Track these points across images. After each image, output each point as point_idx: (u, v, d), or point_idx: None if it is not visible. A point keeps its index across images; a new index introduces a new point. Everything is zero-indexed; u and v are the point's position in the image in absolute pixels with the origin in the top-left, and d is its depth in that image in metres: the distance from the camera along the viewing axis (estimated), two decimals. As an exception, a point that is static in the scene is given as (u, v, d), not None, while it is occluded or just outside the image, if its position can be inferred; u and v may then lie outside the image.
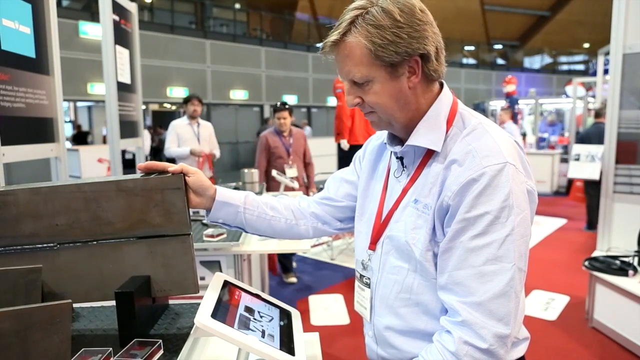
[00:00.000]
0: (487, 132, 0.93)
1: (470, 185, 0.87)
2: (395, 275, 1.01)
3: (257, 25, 18.30)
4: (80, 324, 1.19)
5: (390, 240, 1.02)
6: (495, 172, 0.86)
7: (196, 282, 1.13)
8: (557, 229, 6.60)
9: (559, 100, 12.67)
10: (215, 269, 2.32)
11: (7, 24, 2.01)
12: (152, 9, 15.42)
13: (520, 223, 0.86)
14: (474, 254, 0.86)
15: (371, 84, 0.93)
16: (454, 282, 0.88)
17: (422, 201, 0.96)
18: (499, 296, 0.85)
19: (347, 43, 0.91)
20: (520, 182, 0.89)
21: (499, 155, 0.88)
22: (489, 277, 0.85)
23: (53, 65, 2.46)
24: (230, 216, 1.16)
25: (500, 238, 0.85)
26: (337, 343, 3.22)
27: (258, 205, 1.18)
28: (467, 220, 0.87)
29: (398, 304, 1.01)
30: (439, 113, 0.97)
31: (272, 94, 16.68)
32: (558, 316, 3.65)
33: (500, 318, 0.85)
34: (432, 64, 0.94)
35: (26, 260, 1.10)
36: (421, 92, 0.97)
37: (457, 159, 0.91)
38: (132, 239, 1.12)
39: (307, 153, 4.56)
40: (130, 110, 3.89)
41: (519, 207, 0.86)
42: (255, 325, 0.90)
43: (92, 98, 13.01)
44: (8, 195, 1.09)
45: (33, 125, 2.30)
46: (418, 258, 0.95)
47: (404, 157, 1.03)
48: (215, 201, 1.13)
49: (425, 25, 0.91)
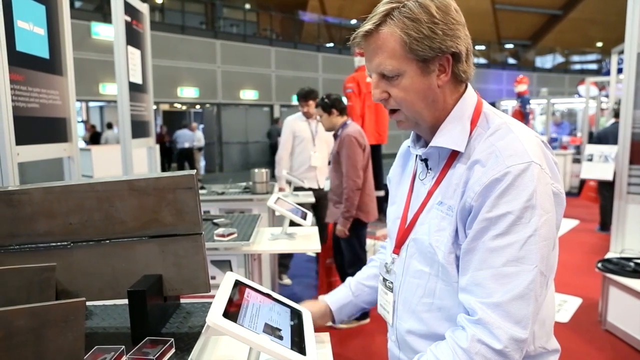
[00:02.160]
0: (512, 132, 0.91)
1: (493, 185, 0.85)
2: (417, 279, 1.00)
3: (267, 25, 18.35)
4: (93, 322, 1.20)
5: (414, 243, 1.01)
6: (519, 172, 0.84)
7: (208, 282, 1.14)
8: (569, 230, 6.53)
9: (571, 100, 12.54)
10: (225, 269, 2.33)
11: (22, 25, 2.03)
12: (162, 9, 15.53)
13: (544, 225, 0.84)
14: (495, 255, 0.84)
15: (401, 78, 0.92)
16: (474, 283, 0.86)
17: (447, 203, 0.94)
18: (518, 298, 0.82)
19: (381, 34, 0.90)
20: (545, 182, 0.86)
21: (523, 154, 0.86)
22: (509, 279, 0.83)
23: (66, 66, 2.48)
24: (352, 310, 1.27)
25: (522, 239, 0.83)
26: (347, 343, 3.22)
27: (363, 286, 1.27)
28: (489, 220, 0.85)
29: (420, 308, 0.99)
30: (463, 113, 0.96)
31: (282, 94, 16.72)
32: (570, 318, 3.61)
33: (518, 321, 0.83)
34: (462, 64, 0.93)
35: (40, 259, 1.11)
36: (449, 92, 0.96)
37: (480, 159, 0.89)
38: (144, 238, 1.13)
39: (343, 161, 3.36)
40: (141, 110, 3.92)
41: (542, 208, 0.84)
42: (266, 325, 0.90)
43: (104, 98, 13.14)
44: (23, 194, 1.10)
45: (46, 125, 2.32)
46: (441, 261, 0.93)
47: (429, 159, 1.01)
48: (333, 312, 1.26)
49: (459, 25, 0.91)
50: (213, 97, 15.35)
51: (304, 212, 2.47)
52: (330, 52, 17.89)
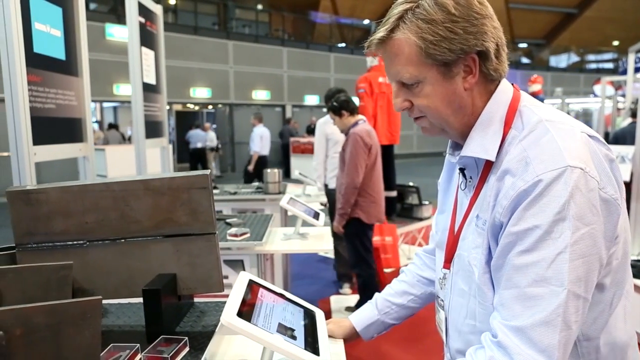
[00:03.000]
0: (549, 131, 0.79)
1: (521, 197, 0.76)
2: (461, 298, 0.93)
3: (279, 25, 18.40)
4: (108, 320, 1.21)
5: (458, 259, 0.94)
6: (551, 180, 0.74)
7: (221, 281, 1.14)
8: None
9: (586, 100, 12.37)
10: (238, 268, 2.34)
11: (39, 27, 2.06)
12: (175, 10, 15.66)
13: (581, 240, 0.73)
14: (520, 273, 0.76)
15: (421, 85, 0.85)
16: (500, 303, 0.79)
17: (482, 217, 0.86)
18: (543, 324, 0.73)
19: (395, 40, 0.83)
20: (589, 189, 0.74)
21: (558, 159, 0.75)
22: (534, 301, 0.74)
23: (82, 67, 2.52)
24: (378, 328, 1.22)
25: (550, 256, 0.73)
26: (358, 344, 3.21)
27: (390, 303, 1.21)
28: (515, 235, 0.76)
29: (466, 329, 0.92)
30: (493, 116, 0.86)
31: (294, 94, 16.74)
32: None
33: (542, 350, 0.73)
34: (492, 62, 0.84)
35: (57, 257, 1.13)
36: (478, 94, 0.87)
37: (510, 169, 0.80)
38: (158, 237, 1.14)
39: (346, 159, 3.35)
40: (155, 110, 3.95)
41: (580, 220, 0.73)
42: (280, 325, 0.90)
43: (118, 99, 13.28)
44: (40, 194, 1.12)
45: (63, 125, 2.36)
46: (477, 281, 0.86)
47: (466, 169, 0.93)
48: (359, 332, 1.22)
49: (484, 19, 0.82)
50: (225, 98, 15.43)
51: (316, 212, 2.47)
52: (343, 52, 17.87)
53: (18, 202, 1.12)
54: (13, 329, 0.65)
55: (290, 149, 12.29)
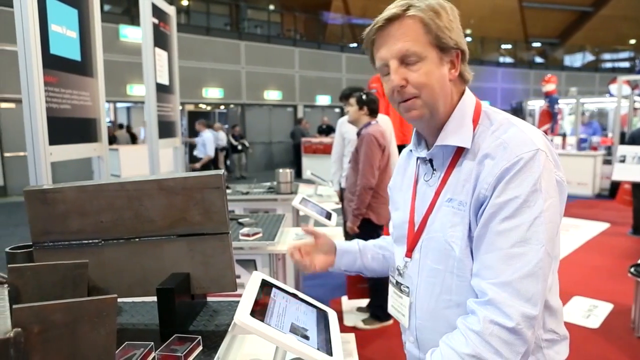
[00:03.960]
0: (514, 125, 0.95)
1: (504, 174, 0.89)
2: (433, 278, 1.01)
3: (291, 26, 18.41)
4: (122, 318, 1.22)
5: (428, 243, 1.02)
6: (528, 159, 0.88)
7: (234, 280, 1.15)
8: (599, 234, 6.35)
9: (602, 100, 12.18)
10: (250, 268, 2.34)
11: (55, 29, 2.09)
12: (188, 11, 15.75)
13: (549, 208, 0.87)
14: (502, 237, 0.87)
15: (421, 63, 0.95)
16: (484, 267, 0.89)
17: (457, 198, 0.97)
18: (527, 276, 0.85)
19: (407, 17, 0.94)
20: (550, 169, 0.90)
21: (530, 143, 0.90)
22: (517, 259, 0.86)
23: (97, 68, 2.55)
24: (350, 262, 1.30)
25: (529, 220, 0.86)
26: (370, 345, 3.20)
27: (370, 249, 1.32)
28: (497, 205, 0.88)
29: (441, 305, 1.00)
30: (465, 113, 1.00)
31: (306, 95, 16.75)
32: (601, 324, 3.51)
33: (528, 298, 0.84)
34: (466, 66, 1.00)
35: (73, 255, 1.14)
36: (455, 89, 1.01)
37: (489, 153, 0.93)
38: (172, 236, 1.15)
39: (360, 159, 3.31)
40: (168, 110, 3.98)
41: (547, 192, 0.88)
42: (293, 325, 0.90)
43: (131, 99, 13.41)
44: (57, 193, 1.13)
45: (78, 125, 2.39)
46: (458, 255, 0.95)
47: (434, 159, 1.04)
48: (337, 250, 1.29)
49: (461, 29, 0.99)
50: (237, 98, 15.50)
51: (328, 212, 2.47)
52: (354, 52, 17.82)
53: (35, 202, 1.14)
54: (31, 326, 0.66)
55: (301, 149, 12.30)
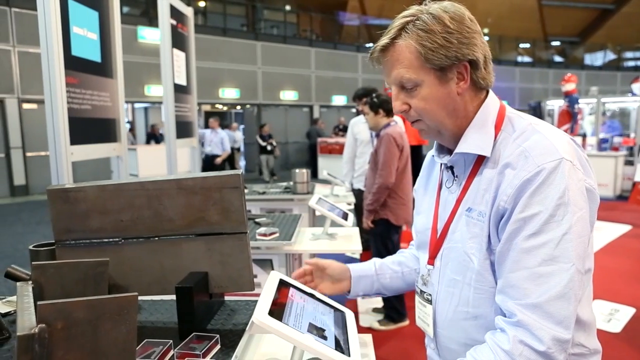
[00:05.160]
0: (538, 132, 0.91)
1: (525, 185, 0.85)
2: (452, 288, 1.00)
3: (307, 26, 18.43)
4: (141, 316, 1.24)
5: (448, 252, 1.01)
6: (551, 169, 0.84)
7: (252, 280, 1.15)
8: (620, 236, 6.22)
9: (624, 99, 11.92)
10: (267, 268, 2.35)
11: (77, 31, 2.13)
12: (205, 12, 15.89)
13: (578, 222, 0.83)
14: (529, 255, 0.83)
15: (419, 88, 0.94)
16: (509, 285, 0.85)
17: (476, 209, 0.94)
18: (558, 298, 0.81)
19: (397, 46, 0.93)
20: (578, 179, 0.86)
21: (553, 151, 0.86)
22: (546, 279, 0.82)
23: (116, 69, 2.59)
24: (368, 286, 1.26)
25: (557, 237, 0.82)
26: (386, 345, 3.19)
27: (388, 267, 1.28)
28: (522, 221, 0.85)
29: (458, 317, 0.99)
30: (486, 118, 0.96)
31: (322, 95, 16.76)
32: (622, 329, 3.44)
33: (559, 321, 0.81)
34: (481, 72, 0.94)
35: (94, 254, 1.16)
36: (469, 99, 0.97)
37: (510, 162, 0.89)
38: (191, 236, 1.16)
39: (379, 159, 3.32)
40: (185, 110, 4.03)
41: (575, 205, 0.83)
42: (311, 324, 0.90)
43: (149, 99, 13.57)
44: (78, 192, 1.15)
45: (98, 125, 2.43)
46: (476, 268, 0.93)
47: (454, 167, 1.02)
48: (352, 278, 1.25)
49: (475, 34, 0.93)
50: (253, 98, 15.58)
51: (345, 212, 2.47)
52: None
53: (58, 200, 1.16)
54: (55, 322, 0.67)
55: (317, 149, 12.31)
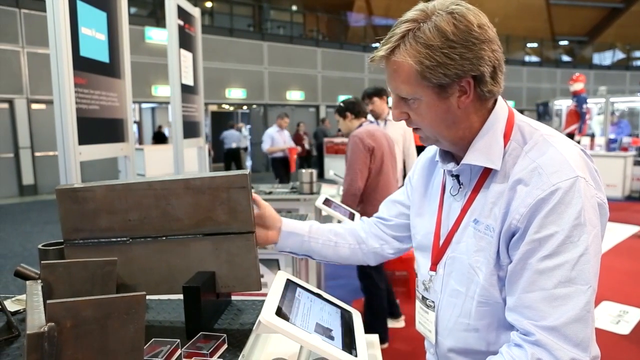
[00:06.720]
0: (551, 145, 0.87)
1: (539, 205, 0.82)
2: (454, 299, 0.98)
3: (313, 26, 18.46)
4: (149, 315, 1.24)
5: (452, 261, 0.98)
6: (566, 189, 0.81)
7: (259, 280, 1.15)
8: (628, 237, 6.16)
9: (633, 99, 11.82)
10: (274, 268, 2.36)
11: (85, 32, 2.14)
12: (212, 13, 15.95)
13: (594, 241, 0.81)
14: (545, 276, 0.81)
15: (418, 102, 0.90)
16: (523, 306, 0.83)
17: (483, 222, 0.91)
18: (575, 321, 0.79)
19: (394, 60, 0.89)
20: (591, 196, 0.83)
21: (568, 169, 0.83)
22: (562, 301, 0.80)
23: (124, 69, 2.60)
24: (297, 245, 1.23)
25: (574, 258, 0.80)
26: (391, 345, 3.19)
27: (322, 234, 1.24)
28: (537, 242, 0.82)
29: (459, 327, 0.98)
30: (495, 128, 0.92)
31: (328, 95, 16.77)
32: (631, 331, 3.41)
33: (577, 343, 0.79)
34: (487, 84, 0.88)
35: (102, 253, 1.17)
36: (473, 111, 0.92)
37: (522, 179, 0.86)
38: (198, 235, 1.16)
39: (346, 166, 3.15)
40: (192, 111, 4.04)
41: (591, 224, 0.81)
42: (318, 324, 0.90)
43: (156, 100, 13.65)
44: (87, 192, 1.16)
45: (106, 125, 2.44)
46: (482, 282, 0.91)
47: (460, 175, 0.98)
48: (282, 232, 1.22)
49: (483, 44, 0.85)
50: (260, 98, 15.62)
51: (351, 212, 2.46)
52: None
53: (66, 200, 1.17)
54: (64, 321, 0.67)
55: (324, 149, 12.32)
